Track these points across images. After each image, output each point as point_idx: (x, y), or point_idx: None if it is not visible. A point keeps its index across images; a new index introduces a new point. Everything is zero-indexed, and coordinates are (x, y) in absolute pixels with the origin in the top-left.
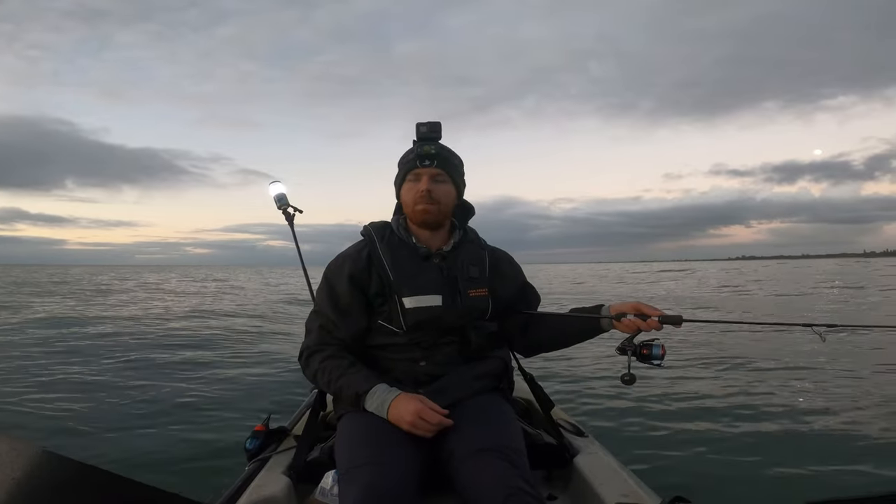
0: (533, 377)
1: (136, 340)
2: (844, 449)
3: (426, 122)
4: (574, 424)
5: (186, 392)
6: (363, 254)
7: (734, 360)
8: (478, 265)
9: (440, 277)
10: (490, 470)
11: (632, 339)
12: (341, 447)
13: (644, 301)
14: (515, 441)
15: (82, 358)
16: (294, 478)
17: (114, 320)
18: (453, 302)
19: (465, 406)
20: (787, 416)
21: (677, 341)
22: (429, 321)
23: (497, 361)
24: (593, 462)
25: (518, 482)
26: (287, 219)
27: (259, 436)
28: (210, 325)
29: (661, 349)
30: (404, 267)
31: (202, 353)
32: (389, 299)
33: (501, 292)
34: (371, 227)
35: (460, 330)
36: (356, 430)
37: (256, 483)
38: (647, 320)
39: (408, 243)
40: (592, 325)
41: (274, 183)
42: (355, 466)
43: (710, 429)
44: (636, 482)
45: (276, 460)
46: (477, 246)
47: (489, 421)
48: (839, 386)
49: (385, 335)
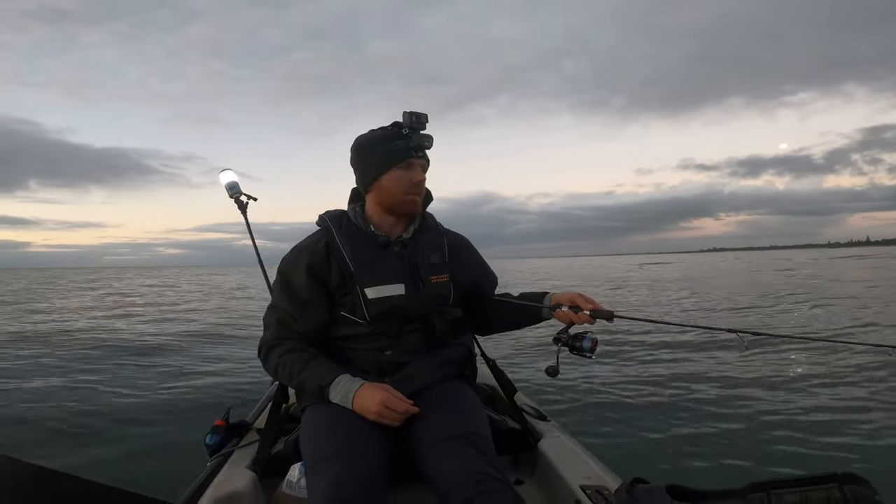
0: (496, 363)
1: (84, 343)
2: (796, 428)
3: (416, 112)
4: (537, 409)
5: (141, 392)
6: (320, 245)
7: (686, 346)
8: (438, 251)
9: (401, 265)
10: (457, 457)
11: (566, 329)
12: (307, 439)
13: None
14: (481, 427)
15: (34, 362)
16: (259, 472)
17: (60, 322)
18: (416, 290)
19: (430, 393)
20: (736, 400)
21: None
22: (392, 310)
23: (461, 348)
24: (557, 446)
25: (486, 468)
26: (240, 207)
27: (219, 430)
28: (161, 326)
29: (591, 342)
30: (364, 256)
31: (155, 352)
32: (351, 290)
33: (462, 277)
34: (327, 217)
35: (424, 317)
36: (322, 420)
37: (220, 479)
38: (579, 313)
39: (366, 232)
40: (534, 313)
41: (225, 171)
42: (323, 458)
43: (664, 412)
44: (598, 465)
45: (239, 455)
46: (436, 232)
47: (455, 408)
48: (787, 366)
49: (348, 326)
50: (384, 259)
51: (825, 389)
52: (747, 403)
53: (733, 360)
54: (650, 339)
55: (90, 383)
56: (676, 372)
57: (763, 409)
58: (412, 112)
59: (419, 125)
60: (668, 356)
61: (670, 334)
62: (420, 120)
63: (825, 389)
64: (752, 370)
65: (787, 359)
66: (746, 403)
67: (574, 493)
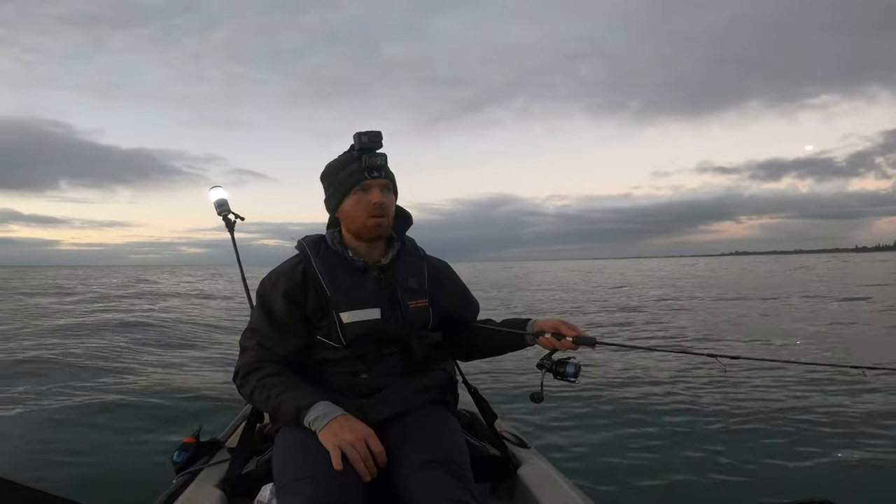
0: (477, 390)
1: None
2: (775, 453)
3: (367, 132)
4: (517, 436)
5: (107, 404)
6: (298, 269)
7: (668, 371)
8: (417, 276)
9: (378, 290)
10: (435, 483)
11: (550, 356)
12: (280, 459)
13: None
14: (460, 454)
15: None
16: (228, 491)
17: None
18: (393, 314)
19: (410, 418)
20: (718, 425)
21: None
22: (368, 334)
23: (442, 374)
24: (536, 473)
25: (463, 495)
26: (227, 225)
27: (189, 448)
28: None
29: (574, 367)
30: (341, 282)
31: (121, 363)
32: (327, 315)
33: (442, 303)
34: (305, 242)
35: (403, 341)
36: (297, 441)
37: (185, 496)
38: (562, 340)
39: (344, 257)
40: (517, 339)
41: (214, 188)
42: (296, 479)
43: (645, 437)
44: (577, 493)
45: (208, 473)
46: (415, 256)
47: (434, 433)
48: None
49: (325, 350)
50: (361, 284)
51: (805, 412)
52: (729, 428)
53: (717, 386)
54: (636, 365)
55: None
56: (658, 398)
57: (745, 434)
58: (361, 132)
59: (370, 145)
60: (651, 381)
61: (652, 360)
62: (371, 139)
63: (805, 412)
64: (735, 394)
65: (771, 382)
66: (728, 428)
67: None
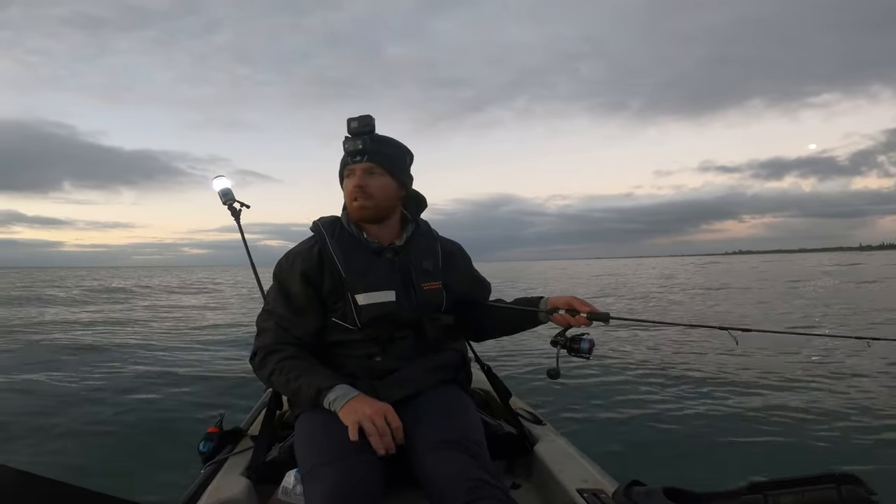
0: (490, 368)
1: (71, 346)
2: (792, 427)
3: (356, 117)
4: (532, 413)
5: (134, 397)
6: (314, 251)
7: (682, 346)
8: (431, 258)
9: (392, 272)
10: (451, 462)
11: (564, 332)
12: (302, 445)
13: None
14: (475, 432)
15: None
16: (254, 478)
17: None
18: (407, 296)
19: (424, 399)
20: (733, 400)
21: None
22: (383, 317)
23: (454, 354)
24: (553, 450)
25: (480, 473)
26: (233, 214)
27: (213, 437)
28: (152, 328)
29: (589, 344)
30: (356, 263)
31: (144, 355)
32: (342, 297)
33: (454, 285)
34: (320, 223)
35: (416, 324)
36: (317, 427)
37: (214, 485)
38: (576, 316)
39: (358, 238)
40: (531, 317)
41: (218, 178)
42: (319, 464)
43: (660, 413)
44: (594, 467)
45: (234, 462)
46: (430, 239)
47: (449, 413)
48: (791, 368)
49: (340, 332)
50: (376, 266)
51: (821, 387)
52: (744, 403)
53: (729, 360)
54: (647, 340)
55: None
56: (672, 372)
57: (760, 409)
58: (351, 118)
59: (357, 130)
60: (665, 356)
61: (666, 334)
62: (359, 124)
63: (821, 387)
64: (749, 369)
65: (784, 356)
66: (743, 403)
67: (571, 496)
